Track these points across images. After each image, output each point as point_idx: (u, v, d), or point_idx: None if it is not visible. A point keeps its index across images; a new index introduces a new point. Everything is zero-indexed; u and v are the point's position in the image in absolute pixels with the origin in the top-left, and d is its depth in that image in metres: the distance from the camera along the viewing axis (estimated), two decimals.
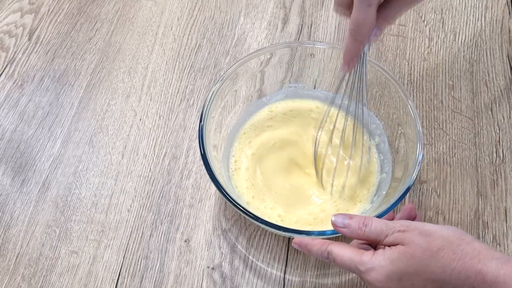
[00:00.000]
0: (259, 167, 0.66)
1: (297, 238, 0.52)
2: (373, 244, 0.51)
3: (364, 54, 0.57)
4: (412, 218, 0.55)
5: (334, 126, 0.67)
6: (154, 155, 0.71)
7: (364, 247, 0.51)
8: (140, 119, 0.75)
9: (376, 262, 0.46)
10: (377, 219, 0.49)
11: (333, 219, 0.50)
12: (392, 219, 0.56)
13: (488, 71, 0.77)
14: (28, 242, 0.65)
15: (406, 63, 0.79)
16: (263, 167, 0.66)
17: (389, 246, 0.46)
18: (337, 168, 0.65)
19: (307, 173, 0.66)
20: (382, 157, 0.67)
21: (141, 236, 0.65)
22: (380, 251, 0.46)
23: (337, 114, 0.65)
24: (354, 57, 0.55)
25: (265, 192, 0.64)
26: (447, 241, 0.44)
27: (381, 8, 0.55)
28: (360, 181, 0.65)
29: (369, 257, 0.46)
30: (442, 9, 0.85)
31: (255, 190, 0.65)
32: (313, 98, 0.72)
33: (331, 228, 0.61)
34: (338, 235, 0.54)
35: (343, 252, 0.48)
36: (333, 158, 0.66)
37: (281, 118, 0.70)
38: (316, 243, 0.50)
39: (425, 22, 0.84)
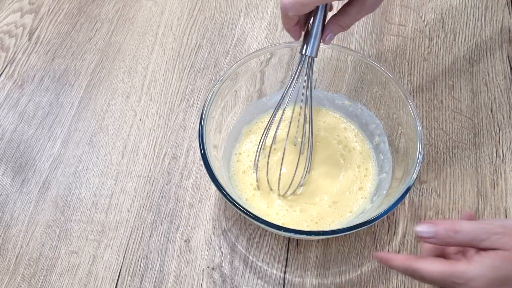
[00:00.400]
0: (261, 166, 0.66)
1: (379, 252, 0.49)
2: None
3: (312, 59, 0.59)
4: None
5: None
6: (154, 155, 0.71)
7: (440, 249, 0.48)
8: (140, 119, 0.75)
9: (476, 271, 0.43)
10: (466, 222, 0.45)
11: (418, 229, 0.46)
12: None
13: (488, 71, 0.77)
14: (28, 242, 0.65)
15: (406, 63, 0.79)
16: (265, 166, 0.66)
17: (484, 249, 0.44)
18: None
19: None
20: (382, 157, 0.67)
21: (141, 236, 0.65)
22: (476, 259, 0.43)
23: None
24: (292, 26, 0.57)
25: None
26: None
27: (337, 15, 0.57)
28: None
29: (464, 266, 0.43)
30: (442, 9, 0.85)
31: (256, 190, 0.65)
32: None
33: (331, 227, 0.62)
34: (339, 235, 0.54)
35: (431, 267, 0.44)
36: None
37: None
38: (399, 259, 0.47)
39: (425, 22, 0.84)
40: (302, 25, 0.58)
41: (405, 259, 0.46)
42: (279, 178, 0.64)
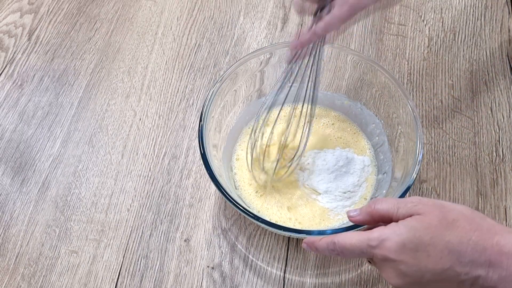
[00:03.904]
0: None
1: (306, 238, 0.51)
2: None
3: (321, 48, 0.59)
4: None
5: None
6: (154, 154, 0.71)
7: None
8: (140, 119, 0.75)
9: (390, 232, 0.44)
10: (386, 198, 0.48)
11: (348, 214, 0.49)
12: None
13: (487, 71, 0.77)
14: (28, 242, 0.65)
15: (406, 63, 0.79)
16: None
17: (402, 219, 0.45)
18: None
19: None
20: (382, 157, 0.67)
21: (141, 235, 0.65)
22: (393, 223, 0.45)
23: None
24: (306, 45, 0.58)
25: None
26: (462, 214, 0.43)
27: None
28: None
29: (380, 230, 0.44)
30: (441, 9, 0.85)
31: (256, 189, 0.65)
32: None
33: (330, 227, 0.62)
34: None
35: (349, 238, 0.46)
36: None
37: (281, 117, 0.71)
38: (321, 238, 0.49)
39: (425, 22, 0.84)
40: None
41: (327, 237, 0.49)
42: (277, 161, 0.63)
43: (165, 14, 0.86)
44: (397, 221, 0.45)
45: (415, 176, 0.56)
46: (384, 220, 0.47)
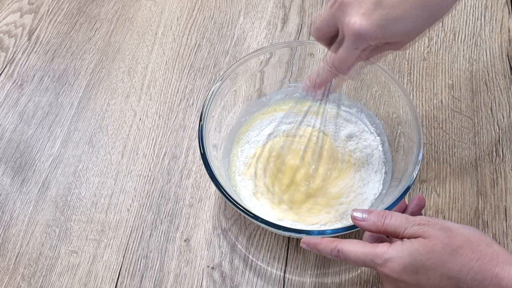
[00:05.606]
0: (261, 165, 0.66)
1: (305, 238, 0.52)
2: (389, 238, 0.51)
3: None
4: (422, 206, 0.55)
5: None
6: (154, 154, 0.71)
7: (375, 237, 0.50)
8: (140, 119, 0.75)
9: (394, 252, 0.45)
10: (396, 213, 0.48)
11: (353, 214, 0.49)
12: (405, 208, 0.55)
13: (487, 71, 0.77)
14: (28, 242, 0.65)
15: (406, 63, 0.79)
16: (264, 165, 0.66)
17: (408, 238, 0.46)
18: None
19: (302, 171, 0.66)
20: (382, 157, 0.67)
21: (141, 235, 0.65)
22: (398, 243, 0.46)
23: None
24: (324, 84, 0.57)
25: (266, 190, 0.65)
26: (467, 240, 0.44)
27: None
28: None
29: (385, 248, 0.46)
30: None
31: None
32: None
33: (330, 227, 0.62)
34: (339, 234, 0.54)
35: (354, 248, 0.47)
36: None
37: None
38: (324, 242, 0.50)
39: None
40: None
41: (331, 241, 0.49)
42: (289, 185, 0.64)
43: (165, 14, 0.86)
44: (402, 238, 0.46)
45: (415, 176, 0.56)
46: (390, 236, 0.48)
